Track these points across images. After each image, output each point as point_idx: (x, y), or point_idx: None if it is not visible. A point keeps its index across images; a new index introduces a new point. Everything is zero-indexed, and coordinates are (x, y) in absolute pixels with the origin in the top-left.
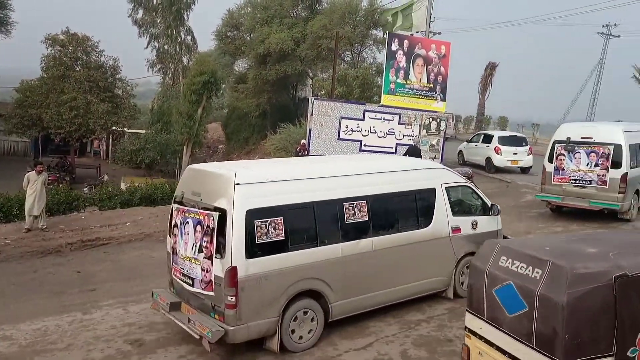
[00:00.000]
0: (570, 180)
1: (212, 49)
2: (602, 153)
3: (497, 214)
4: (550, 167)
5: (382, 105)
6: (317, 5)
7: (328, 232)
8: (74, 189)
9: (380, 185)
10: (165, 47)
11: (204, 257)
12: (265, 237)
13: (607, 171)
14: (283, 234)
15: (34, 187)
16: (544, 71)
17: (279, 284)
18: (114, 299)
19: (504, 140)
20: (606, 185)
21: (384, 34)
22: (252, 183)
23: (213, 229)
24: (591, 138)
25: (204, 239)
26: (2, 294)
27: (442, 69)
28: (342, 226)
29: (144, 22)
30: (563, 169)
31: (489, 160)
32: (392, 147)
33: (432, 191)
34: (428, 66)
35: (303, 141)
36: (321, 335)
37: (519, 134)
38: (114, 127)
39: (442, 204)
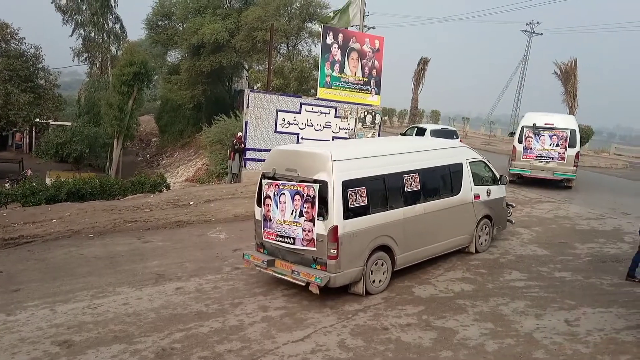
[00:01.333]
0: (536, 157)
1: (142, 38)
2: (562, 136)
3: (505, 184)
4: (520, 147)
5: (319, 99)
6: None
7: (394, 198)
8: None
9: (426, 161)
10: (92, 35)
11: (305, 220)
12: (354, 202)
13: (566, 150)
14: (366, 200)
15: None
16: (474, 67)
17: (364, 239)
18: (39, 299)
19: (436, 133)
20: (564, 160)
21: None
22: (343, 160)
23: (314, 197)
24: (553, 124)
25: (304, 205)
26: None
27: (377, 63)
28: (403, 194)
29: (69, 9)
30: (531, 148)
31: None
32: (329, 140)
33: (460, 165)
34: (363, 60)
35: (239, 134)
36: (260, 328)
37: (450, 127)
38: (37, 119)
39: (467, 176)
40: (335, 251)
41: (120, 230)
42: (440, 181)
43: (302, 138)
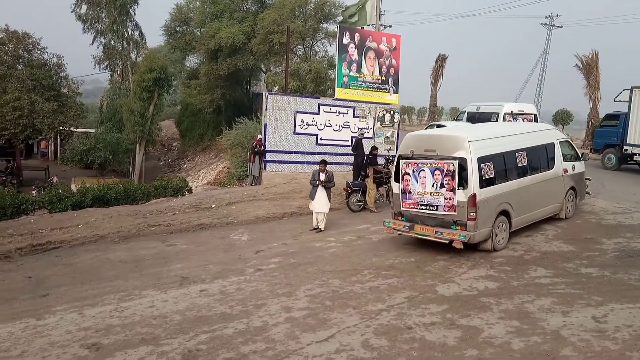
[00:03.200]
0: None
1: (161, 44)
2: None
3: (587, 160)
4: None
5: (337, 99)
6: None
7: (511, 172)
8: (21, 192)
9: (529, 140)
10: (112, 42)
11: (446, 190)
12: (485, 175)
13: None
14: (492, 173)
15: None
16: (493, 62)
17: (492, 205)
18: (68, 304)
19: None
20: None
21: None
22: (477, 140)
23: (454, 171)
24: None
25: (445, 178)
26: None
27: (394, 61)
28: (516, 168)
29: (88, 17)
30: None
31: None
32: (348, 140)
33: (552, 144)
34: (380, 59)
35: (259, 136)
36: (284, 329)
37: (470, 124)
38: (61, 127)
39: (558, 153)
40: (474, 214)
41: (144, 234)
42: (540, 157)
43: (321, 139)
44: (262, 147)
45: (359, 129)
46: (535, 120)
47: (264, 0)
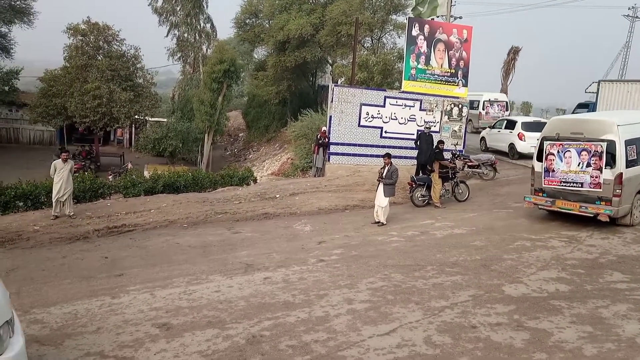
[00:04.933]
0: None
1: (231, 36)
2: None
3: None
4: None
5: (403, 92)
6: None
7: None
8: (99, 177)
9: None
10: (185, 35)
11: (592, 169)
12: (629, 156)
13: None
14: (635, 155)
15: (60, 175)
16: (569, 55)
17: (633, 183)
18: (141, 284)
19: (528, 126)
20: None
21: (407, 18)
22: (623, 125)
23: (602, 152)
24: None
25: (592, 159)
26: (32, 279)
27: (464, 53)
28: None
29: (164, 11)
30: None
31: (512, 146)
32: (414, 134)
33: None
34: (449, 51)
35: (324, 128)
36: (345, 320)
37: (542, 120)
38: (136, 116)
39: None
40: (620, 191)
41: (211, 221)
42: None
43: (385, 132)
44: (327, 139)
45: (425, 122)
46: (507, 108)
47: None
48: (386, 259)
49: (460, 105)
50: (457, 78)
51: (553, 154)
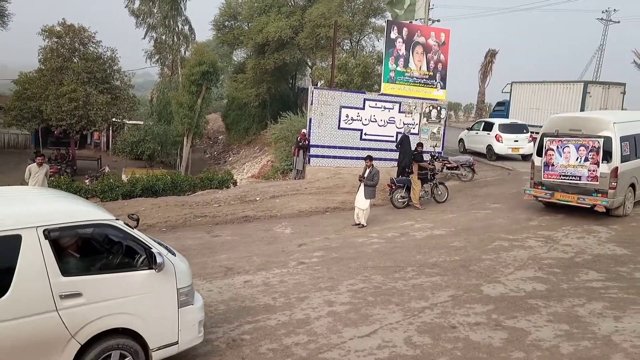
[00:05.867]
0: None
1: (210, 39)
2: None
3: None
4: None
5: (382, 94)
6: None
7: (636, 151)
8: (75, 181)
9: None
10: (163, 37)
11: (590, 164)
12: (623, 152)
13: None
14: (628, 151)
15: (35, 179)
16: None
17: (626, 177)
18: None
19: (505, 128)
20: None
21: (385, 21)
22: (619, 122)
23: (598, 147)
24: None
25: (590, 154)
26: None
27: (442, 56)
28: (637, 149)
29: (141, 12)
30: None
31: (490, 148)
32: (393, 136)
33: None
34: (428, 54)
35: (303, 130)
36: (326, 322)
37: (519, 121)
38: (113, 119)
39: None
40: (615, 184)
41: (190, 225)
42: None
43: (365, 134)
44: (307, 142)
45: (404, 124)
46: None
47: None
48: (366, 261)
49: (438, 107)
50: (436, 80)
51: (552, 150)
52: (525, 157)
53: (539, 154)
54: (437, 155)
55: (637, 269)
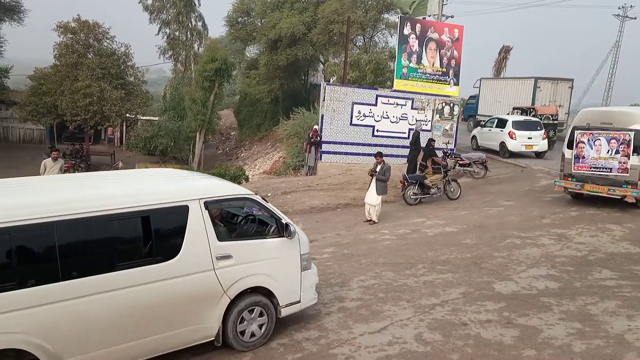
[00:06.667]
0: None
1: (223, 35)
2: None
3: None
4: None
5: (395, 90)
6: None
7: None
8: None
9: None
10: (176, 33)
11: (620, 156)
12: None
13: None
14: None
15: (50, 174)
16: (560, 54)
17: None
18: None
19: (518, 125)
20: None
21: (398, 17)
22: None
23: (629, 140)
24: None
25: (620, 146)
26: None
27: (455, 52)
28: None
29: (155, 9)
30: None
31: (503, 145)
32: (405, 132)
33: None
34: (441, 50)
35: (315, 127)
36: (337, 318)
37: (533, 118)
38: (127, 114)
39: None
40: None
41: None
42: None
43: (377, 130)
44: (319, 138)
45: (416, 121)
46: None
47: None
48: (377, 257)
49: (451, 104)
50: (449, 77)
51: (583, 142)
52: (539, 155)
53: (570, 146)
54: (449, 152)
55: None
